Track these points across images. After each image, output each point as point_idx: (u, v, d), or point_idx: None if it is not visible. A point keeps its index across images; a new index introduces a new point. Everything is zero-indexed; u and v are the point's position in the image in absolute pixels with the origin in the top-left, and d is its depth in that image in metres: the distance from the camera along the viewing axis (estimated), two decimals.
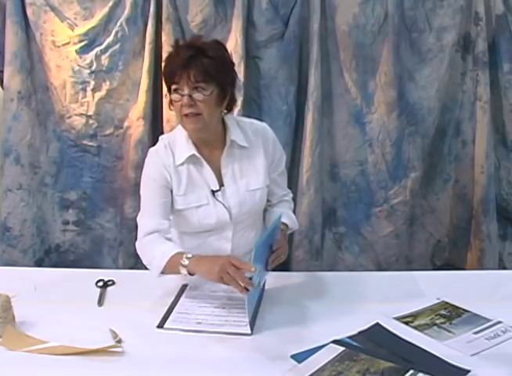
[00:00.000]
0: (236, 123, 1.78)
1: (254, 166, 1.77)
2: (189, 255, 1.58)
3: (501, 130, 2.70)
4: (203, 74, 1.60)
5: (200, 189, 1.73)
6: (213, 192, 1.73)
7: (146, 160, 1.78)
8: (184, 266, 1.57)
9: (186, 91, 1.60)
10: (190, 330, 1.47)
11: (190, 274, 1.58)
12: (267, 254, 1.57)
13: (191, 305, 1.60)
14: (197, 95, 1.61)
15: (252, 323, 1.48)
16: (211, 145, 1.74)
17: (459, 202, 2.77)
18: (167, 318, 1.54)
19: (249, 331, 1.45)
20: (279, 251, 1.62)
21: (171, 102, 1.69)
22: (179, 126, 1.76)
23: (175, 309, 1.59)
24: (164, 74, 1.68)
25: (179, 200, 1.73)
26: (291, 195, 1.95)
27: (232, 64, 1.72)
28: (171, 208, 1.74)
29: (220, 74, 1.64)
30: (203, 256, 1.60)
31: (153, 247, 1.67)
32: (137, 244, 1.73)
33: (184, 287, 1.72)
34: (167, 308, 1.59)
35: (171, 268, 1.61)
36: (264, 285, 1.66)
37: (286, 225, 1.80)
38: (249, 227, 1.81)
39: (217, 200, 1.73)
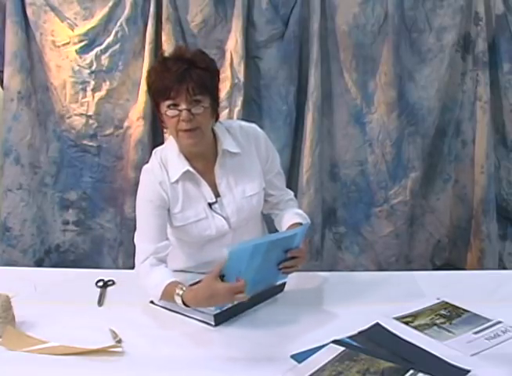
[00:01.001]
0: (226, 130, 1.74)
1: (248, 172, 1.75)
2: (184, 288, 1.52)
3: (501, 130, 2.70)
4: (200, 87, 1.57)
5: (197, 203, 1.71)
6: (210, 204, 1.71)
7: (141, 178, 1.74)
8: (179, 296, 1.51)
9: (184, 105, 1.56)
10: (172, 310, 1.56)
11: (186, 306, 1.52)
12: (277, 258, 1.56)
13: None
14: (196, 109, 1.57)
15: (224, 317, 1.49)
16: (203, 157, 1.71)
17: (459, 202, 2.77)
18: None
19: (213, 323, 1.48)
20: (296, 260, 1.59)
21: (160, 119, 1.66)
22: (170, 139, 1.73)
23: None
24: (155, 90, 1.61)
25: (177, 217, 1.70)
26: (292, 193, 1.93)
27: (217, 69, 1.70)
28: (167, 226, 1.72)
29: (213, 84, 1.63)
30: (197, 289, 1.51)
31: (149, 276, 1.63)
32: (135, 270, 1.70)
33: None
34: None
35: (166, 298, 1.57)
36: (284, 286, 1.67)
37: (300, 224, 1.76)
38: (248, 231, 1.80)
39: (215, 212, 1.71)
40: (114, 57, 2.55)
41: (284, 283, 1.66)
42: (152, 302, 1.62)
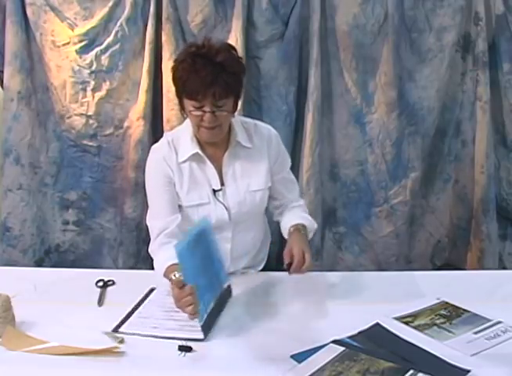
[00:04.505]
0: (241, 124, 1.79)
1: (256, 167, 1.77)
2: (177, 275, 1.51)
3: (501, 130, 2.70)
4: (226, 92, 1.60)
5: (202, 187, 1.74)
6: (214, 191, 1.74)
7: (149, 156, 1.79)
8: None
9: (208, 109, 1.61)
10: (145, 335, 1.44)
11: None
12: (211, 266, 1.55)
13: (152, 309, 1.57)
14: (220, 112, 1.62)
15: (207, 328, 1.45)
16: (215, 144, 1.75)
17: (459, 202, 2.77)
18: (124, 322, 1.50)
19: (202, 336, 1.42)
20: (295, 266, 1.58)
21: (182, 106, 1.68)
22: (185, 123, 1.77)
23: (136, 312, 1.57)
24: (181, 88, 1.63)
25: (181, 197, 1.74)
26: (301, 202, 1.91)
27: (244, 69, 1.72)
28: (176, 203, 1.74)
29: (239, 87, 1.67)
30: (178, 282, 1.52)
31: (157, 255, 1.69)
32: (149, 248, 1.76)
33: (151, 291, 1.69)
34: (127, 311, 1.56)
35: (167, 278, 1.59)
36: (229, 288, 1.64)
37: (304, 226, 1.76)
38: (248, 228, 1.81)
39: (217, 199, 1.74)
40: (114, 57, 2.55)
41: (229, 286, 1.64)
42: (115, 331, 1.47)
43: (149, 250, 1.75)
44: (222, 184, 1.75)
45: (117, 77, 2.57)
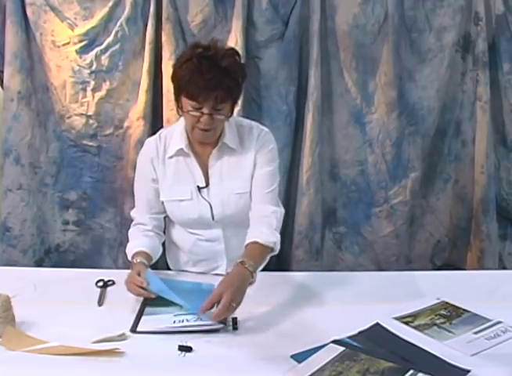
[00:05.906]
0: (235, 127, 1.79)
1: (241, 171, 1.78)
2: (138, 260, 1.72)
3: (501, 130, 2.70)
4: (227, 96, 1.62)
5: (186, 183, 1.77)
6: (199, 188, 1.75)
7: (141, 150, 1.89)
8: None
9: (207, 111, 1.62)
10: (165, 331, 1.46)
11: None
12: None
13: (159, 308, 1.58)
14: (217, 115, 1.63)
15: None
16: (205, 143, 1.77)
17: (459, 202, 2.77)
18: (138, 321, 1.52)
19: (220, 325, 1.47)
20: (202, 309, 1.47)
21: (179, 106, 1.69)
22: (180, 119, 1.78)
23: (145, 311, 1.58)
24: (182, 88, 1.64)
25: (164, 190, 1.78)
26: (271, 210, 1.78)
27: (246, 76, 1.73)
28: (156, 202, 1.83)
29: (239, 92, 1.69)
30: (137, 265, 1.70)
31: (130, 240, 1.83)
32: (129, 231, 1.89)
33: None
34: (136, 311, 1.57)
35: (132, 261, 1.75)
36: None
37: (257, 243, 1.66)
38: (240, 229, 1.80)
39: (201, 196, 1.75)
40: (114, 57, 2.55)
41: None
42: (133, 331, 1.48)
43: (128, 233, 1.90)
44: (208, 183, 1.77)
45: (117, 77, 2.57)
